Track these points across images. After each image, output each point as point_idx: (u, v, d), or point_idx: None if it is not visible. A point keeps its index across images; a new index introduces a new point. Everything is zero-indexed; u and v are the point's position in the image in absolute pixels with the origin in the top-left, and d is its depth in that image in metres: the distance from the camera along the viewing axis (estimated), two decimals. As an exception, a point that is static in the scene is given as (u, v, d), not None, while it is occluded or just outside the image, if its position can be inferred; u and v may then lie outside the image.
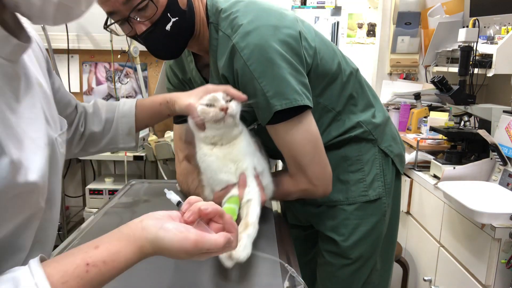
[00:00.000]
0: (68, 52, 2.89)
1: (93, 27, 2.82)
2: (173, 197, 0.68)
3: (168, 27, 0.95)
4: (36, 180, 0.59)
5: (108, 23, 0.96)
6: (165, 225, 0.58)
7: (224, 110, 0.87)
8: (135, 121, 1.04)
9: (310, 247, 1.29)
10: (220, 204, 0.91)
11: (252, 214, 0.85)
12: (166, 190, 0.70)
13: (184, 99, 0.95)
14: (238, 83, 0.97)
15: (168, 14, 0.94)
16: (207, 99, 0.90)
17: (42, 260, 0.54)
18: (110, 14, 0.93)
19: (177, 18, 0.95)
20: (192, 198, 0.65)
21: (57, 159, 0.71)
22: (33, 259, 0.54)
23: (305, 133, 0.97)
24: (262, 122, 0.98)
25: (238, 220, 0.86)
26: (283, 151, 1.00)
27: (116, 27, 0.97)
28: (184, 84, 1.22)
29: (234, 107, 0.89)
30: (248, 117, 1.00)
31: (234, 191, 0.91)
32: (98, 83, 2.98)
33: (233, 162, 0.92)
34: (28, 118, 0.62)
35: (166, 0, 0.93)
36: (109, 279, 0.56)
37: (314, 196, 1.05)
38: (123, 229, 0.59)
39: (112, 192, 2.67)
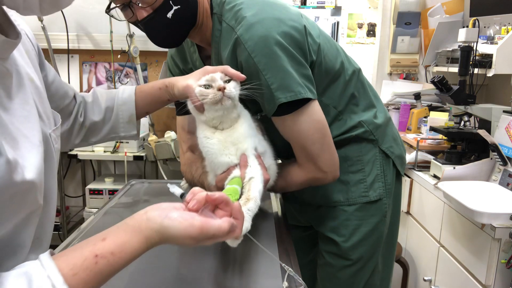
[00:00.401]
0: (68, 52, 2.89)
1: (93, 27, 2.82)
2: (176, 190, 0.69)
3: (169, 14, 0.94)
4: (33, 178, 0.59)
5: (110, 7, 0.96)
6: (169, 214, 0.59)
7: (222, 90, 0.86)
8: (136, 108, 1.02)
9: (311, 247, 1.29)
10: (222, 186, 0.91)
11: (253, 189, 0.85)
12: (169, 185, 0.70)
13: (182, 81, 0.94)
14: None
15: (170, 1, 0.94)
16: (205, 80, 0.90)
17: (51, 254, 0.55)
18: None
19: (179, 6, 0.95)
20: (195, 188, 0.66)
21: (52, 155, 0.71)
22: (43, 253, 0.54)
23: (313, 122, 0.97)
24: (268, 114, 0.98)
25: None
26: (291, 141, 1.00)
27: (117, 12, 0.96)
28: (185, 74, 1.22)
29: (232, 88, 0.88)
30: (251, 107, 1.00)
31: (236, 172, 0.90)
32: (98, 83, 2.98)
33: (234, 144, 0.92)
34: (21, 116, 0.62)
35: None
36: (118, 270, 0.57)
37: (322, 183, 1.05)
38: (129, 221, 0.60)
39: (112, 192, 2.67)
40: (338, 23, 2.92)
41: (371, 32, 2.90)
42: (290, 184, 1.05)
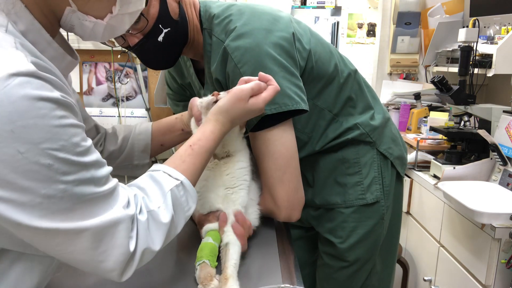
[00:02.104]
0: (68, 52, 2.89)
1: (93, 27, 2.82)
2: (205, 99, 0.89)
3: (160, 38, 0.95)
4: None
5: None
6: (220, 100, 0.84)
7: (215, 95, 0.88)
8: (152, 138, 1.08)
9: (314, 248, 1.28)
10: (201, 223, 0.90)
11: (230, 264, 0.79)
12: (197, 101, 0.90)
13: None
14: (229, 86, 0.96)
15: (160, 25, 0.94)
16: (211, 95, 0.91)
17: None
18: None
19: (169, 28, 0.95)
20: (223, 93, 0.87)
21: None
22: (156, 165, 0.74)
23: (280, 146, 0.94)
24: (248, 127, 0.96)
25: (219, 261, 0.82)
26: (257, 162, 0.98)
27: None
28: (183, 88, 1.22)
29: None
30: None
31: (215, 225, 0.88)
32: (98, 83, 2.98)
33: (224, 187, 0.90)
34: None
35: (157, 12, 0.92)
36: (209, 149, 0.79)
37: (277, 219, 1.01)
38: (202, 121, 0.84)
39: (112, 192, 2.66)
40: (338, 23, 2.92)
41: (371, 32, 2.90)
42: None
